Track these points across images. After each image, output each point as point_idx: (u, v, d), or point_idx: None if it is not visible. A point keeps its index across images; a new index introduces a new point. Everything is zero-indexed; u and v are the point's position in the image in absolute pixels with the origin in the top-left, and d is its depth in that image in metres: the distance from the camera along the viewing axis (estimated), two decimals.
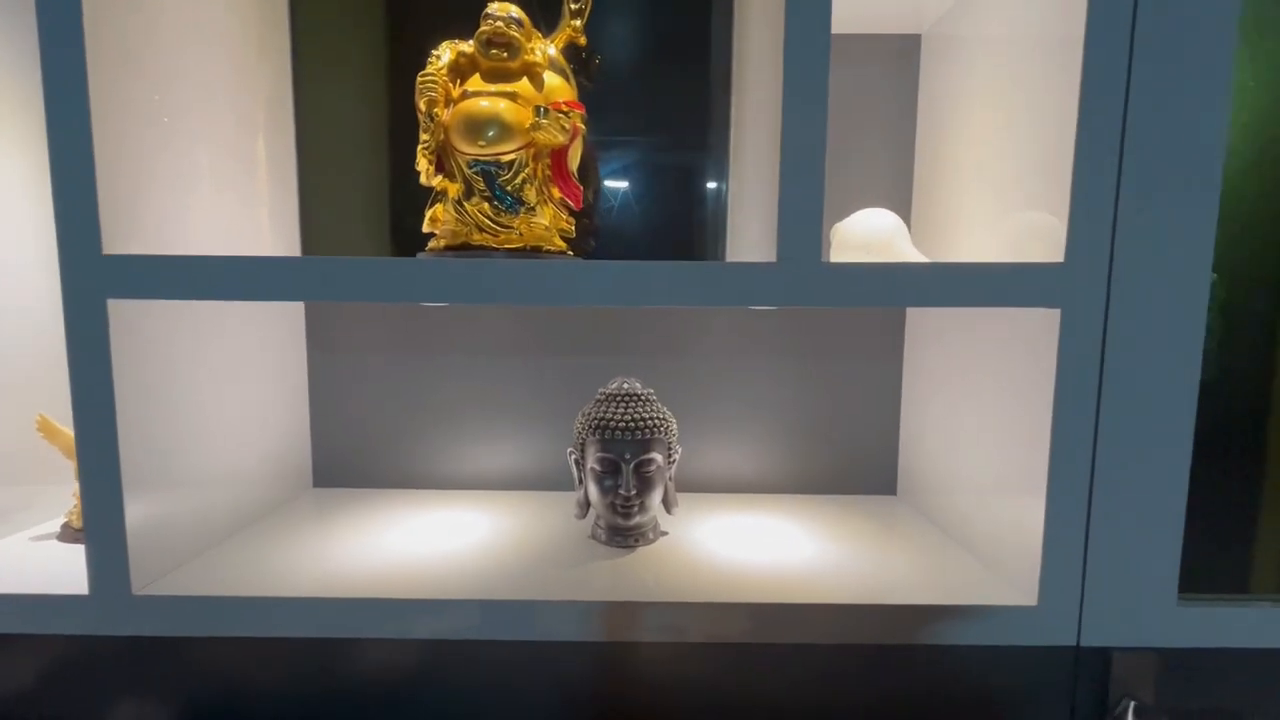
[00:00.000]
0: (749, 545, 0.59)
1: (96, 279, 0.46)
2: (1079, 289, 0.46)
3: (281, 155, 0.70)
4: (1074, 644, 0.48)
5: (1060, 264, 0.46)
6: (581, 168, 0.62)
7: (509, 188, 0.55)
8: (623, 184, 0.76)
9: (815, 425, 0.74)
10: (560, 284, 0.47)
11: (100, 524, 0.48)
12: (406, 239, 0.74)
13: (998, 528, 0.54)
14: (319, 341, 0.75)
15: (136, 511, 0.49)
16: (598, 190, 0.79)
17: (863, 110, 0.71)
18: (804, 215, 0.45)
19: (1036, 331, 0.49)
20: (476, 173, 0.55)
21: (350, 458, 0.76)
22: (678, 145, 0.75)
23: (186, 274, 0.47)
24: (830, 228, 0.59)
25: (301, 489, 0.75)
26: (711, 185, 0.75)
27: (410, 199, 0.58)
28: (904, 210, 0.72)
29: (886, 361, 0.74)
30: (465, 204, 0.55)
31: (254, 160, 0.65)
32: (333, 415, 0.75)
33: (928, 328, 0.69)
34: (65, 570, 0.53)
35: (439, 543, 0.59)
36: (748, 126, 0.68)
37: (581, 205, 0.61)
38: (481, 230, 0.56)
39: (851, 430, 0.74)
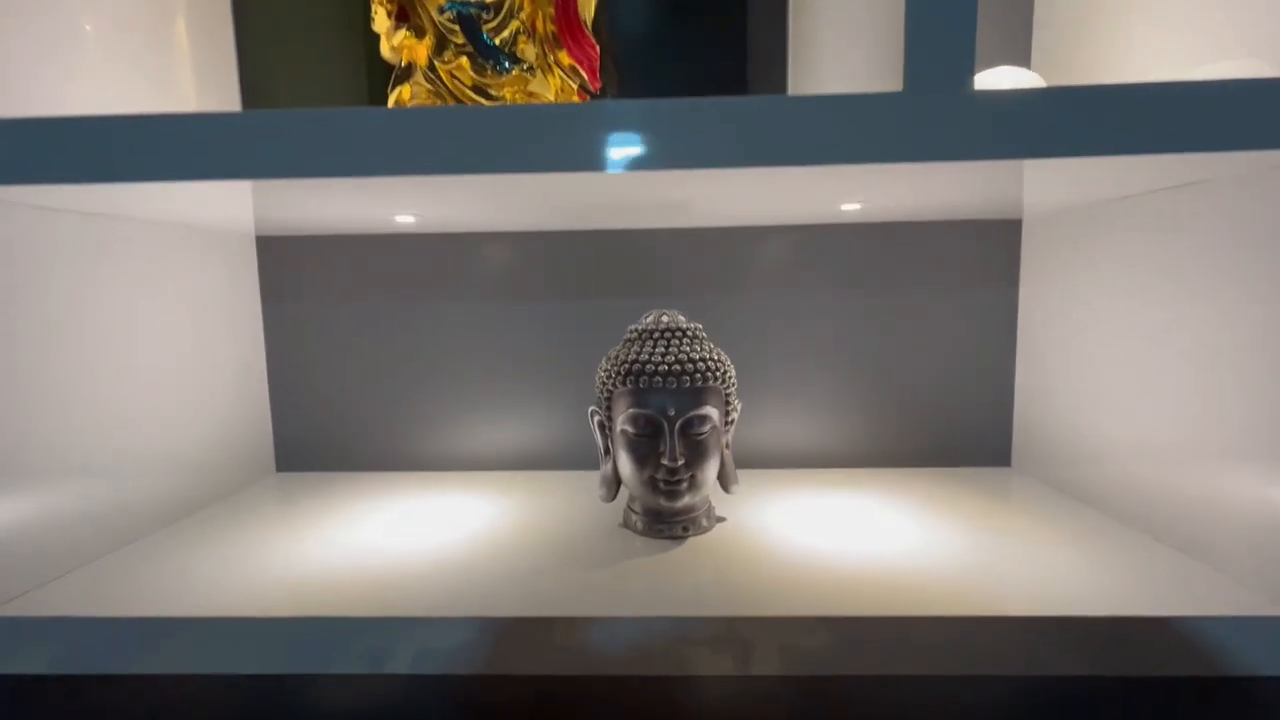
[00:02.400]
0: (833, 534, 0.45)
1: None
2: None
3: (216, 41, 0.55)
4: None
5: None
6: (597, 32, 0.46)
7: (496, 39, 0.40)
8: None
9: (905, 379, 0.59)
10: (580, 137, 0.31)
11: None
12: None
13: (1210, 505, 0.38)
14: (275, 289, 0.60)
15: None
16: (621, 82, 0.62)
17: None
18: (948, 15, 0.29)
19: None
20: (451, 19, 0.39)
21: (320, 435, 0.62)
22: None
23: (37, 141, 0.32)
24: None
25: (261, 474, 0.60)
26: None
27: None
28: None
29: (997, 288, 0.58)
30: (438, 64, 0.40)
31: (172, 44, 0.50)
32: (297, 384, 0.61)
33: (1054, 237, 0.52)
34: None
35: (427, 540, 0.47)
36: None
37: (599, 79, 0.45)
38: (460, 101, 0.40)
39: (952, 384, 0.59)
